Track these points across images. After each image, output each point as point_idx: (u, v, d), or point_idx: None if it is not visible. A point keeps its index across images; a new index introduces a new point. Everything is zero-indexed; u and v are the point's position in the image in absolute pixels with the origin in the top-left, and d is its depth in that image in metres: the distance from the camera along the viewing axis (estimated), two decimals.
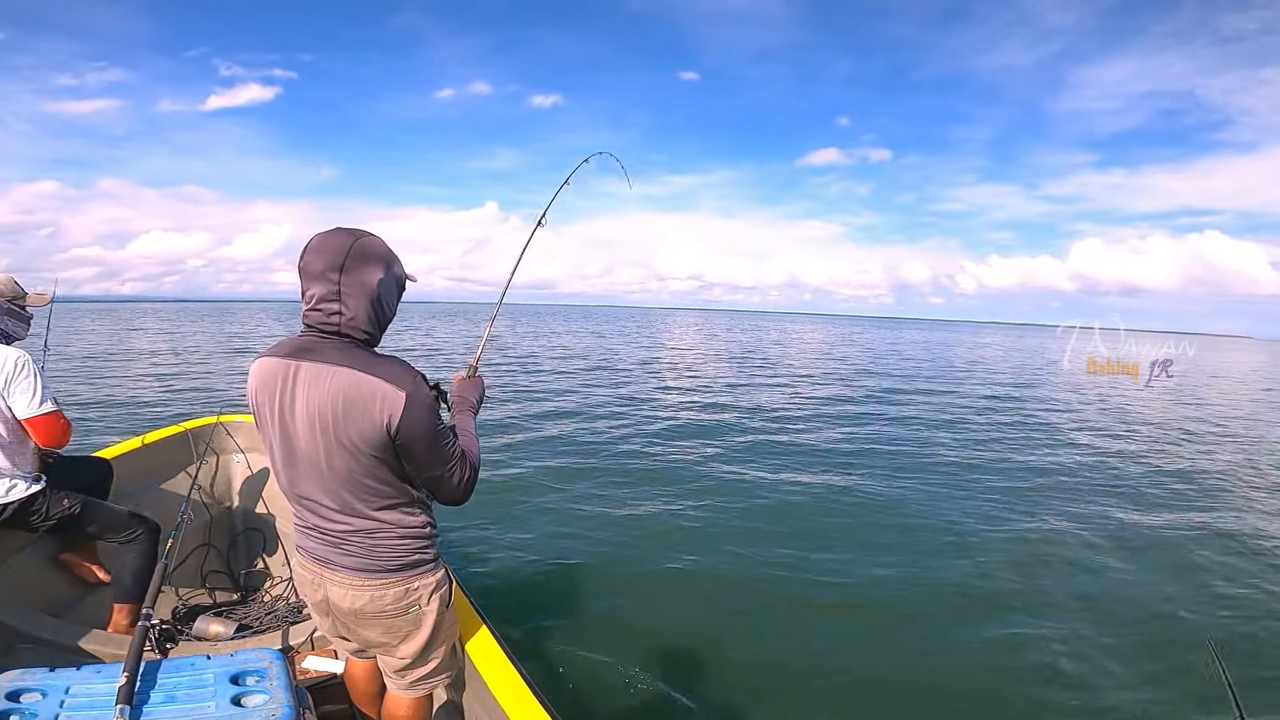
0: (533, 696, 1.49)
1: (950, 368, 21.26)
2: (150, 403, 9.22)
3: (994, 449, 7.86)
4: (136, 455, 2.77)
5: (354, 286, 1.22)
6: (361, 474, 1.25)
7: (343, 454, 1.23)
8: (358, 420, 1.20)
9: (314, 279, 1.22)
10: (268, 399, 1.27)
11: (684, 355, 22.33)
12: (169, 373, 12.93)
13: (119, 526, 2.18)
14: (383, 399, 1.19)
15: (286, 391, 1.24)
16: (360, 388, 1.19)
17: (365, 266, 1.23)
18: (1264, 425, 11.39)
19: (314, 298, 1.23)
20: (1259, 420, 12.07)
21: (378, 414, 1.19)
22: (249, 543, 2.98)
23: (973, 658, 3.27)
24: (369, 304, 1.25)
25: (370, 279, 1.24)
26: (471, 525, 4.60)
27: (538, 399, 10.64)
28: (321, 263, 1.21)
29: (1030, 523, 5.20)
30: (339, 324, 1.24)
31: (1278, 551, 4.75)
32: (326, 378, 1.20)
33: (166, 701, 1.13)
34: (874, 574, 4.11)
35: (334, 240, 1.23)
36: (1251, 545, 4.87)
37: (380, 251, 1.27)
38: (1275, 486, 6.72)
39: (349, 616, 1.37)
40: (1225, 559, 4.59)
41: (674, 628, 3.40)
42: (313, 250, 1.23)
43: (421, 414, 1.22)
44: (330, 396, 1.20)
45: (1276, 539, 5.02)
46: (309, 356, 1.23)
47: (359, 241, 1.24)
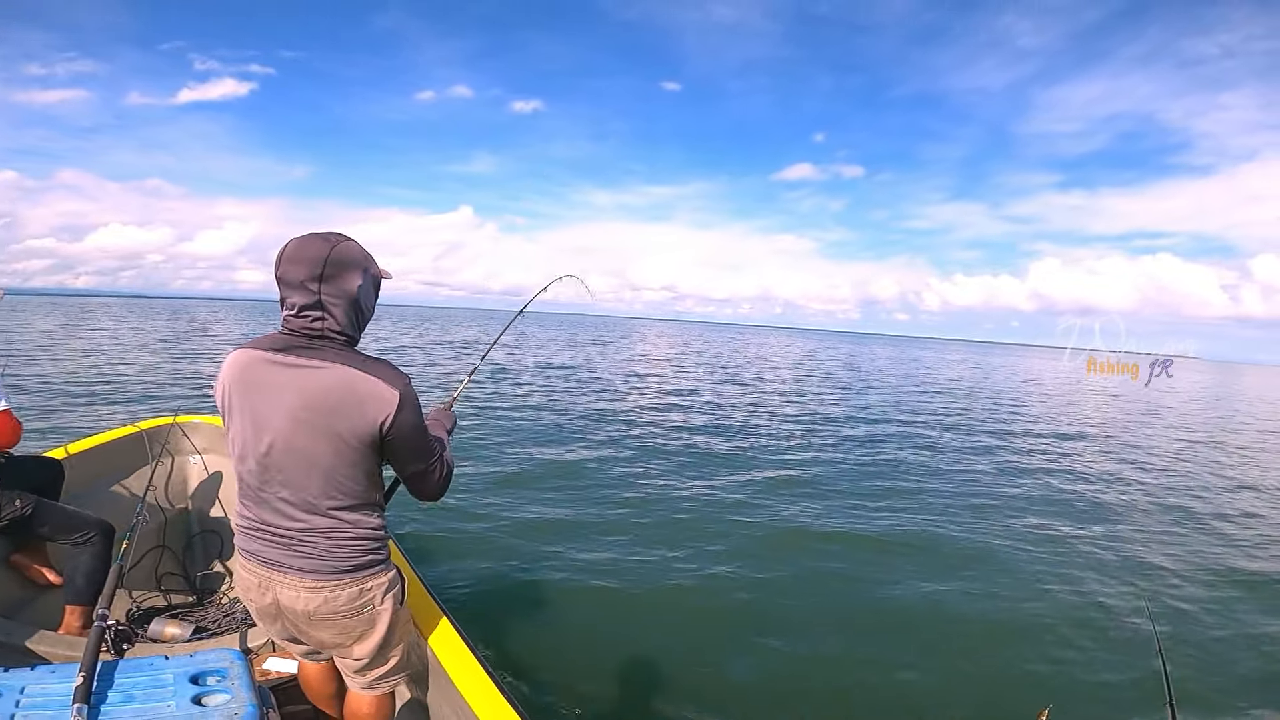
0: (497, 690, 1.50)
1: (965, 391, 20.12)
2: (104, 402, 8.88)
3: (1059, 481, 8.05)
4: (89, 455, 2.70)
5: (335, 294, 1.24)
6: (340, 470, 1.27)
7: (328, 448, 1.24)
8: (354, 416, 1.23)
9: (294, 289, 1.23)
10: (243, 390, 1.26)
11: (655, 365, 22.45)
12: (123, 371, 12.42)
13: (72, 528, 2.12)
14: (378, 398, 1.23)
15: (270, 384, 1.24)
16: (357, 385, 1.23)
17: (344, 274, 1.24)
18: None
19: (295, 306, 1.24)
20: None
21: (373, 411, 1.23)
22: (205, 545, 2.92)
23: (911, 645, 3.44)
24: (350, 309, 1.27)
25: (350, 285, 1.26)
26: (440, 523, 4.64)
27: (511, 405, 10.59)
28: (301, 273, 1.22)
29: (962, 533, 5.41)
30: (322, 329, 1.26)
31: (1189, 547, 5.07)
32: (322, 373, 1.23)
33: (125, 701, 1.12)
34: (826, 584, 4.24)
35: (311, 248, 1.23)
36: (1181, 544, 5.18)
37: (358, 256, 1.28)
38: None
39: (302, 619, 1.36)
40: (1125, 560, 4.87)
41: (634, 624, 3.52)
42: (289, 259, 1.23)
43: (411, 413, 1.28)
44: (327, 391, 1.22)
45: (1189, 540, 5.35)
46: (299, 353, 1.24)
47: (336, 248, 1.24)
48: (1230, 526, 6.14)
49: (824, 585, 4.22)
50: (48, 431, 6.65)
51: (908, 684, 3.12)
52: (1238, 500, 7.18)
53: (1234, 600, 4.31)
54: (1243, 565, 5.01)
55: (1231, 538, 5.76)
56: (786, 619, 3.72)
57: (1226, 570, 4.89)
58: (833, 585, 4.23)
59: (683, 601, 3.85)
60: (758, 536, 5.02)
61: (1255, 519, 6.49)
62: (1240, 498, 7.33)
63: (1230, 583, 4.62)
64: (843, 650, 3.40)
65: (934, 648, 3.47)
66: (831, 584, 4.24)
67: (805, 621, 3.71)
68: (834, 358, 36.03)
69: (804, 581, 4.24)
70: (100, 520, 2.17)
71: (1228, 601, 4.29)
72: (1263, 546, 5.53)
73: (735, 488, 6.41)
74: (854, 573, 4.41)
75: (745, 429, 9.91)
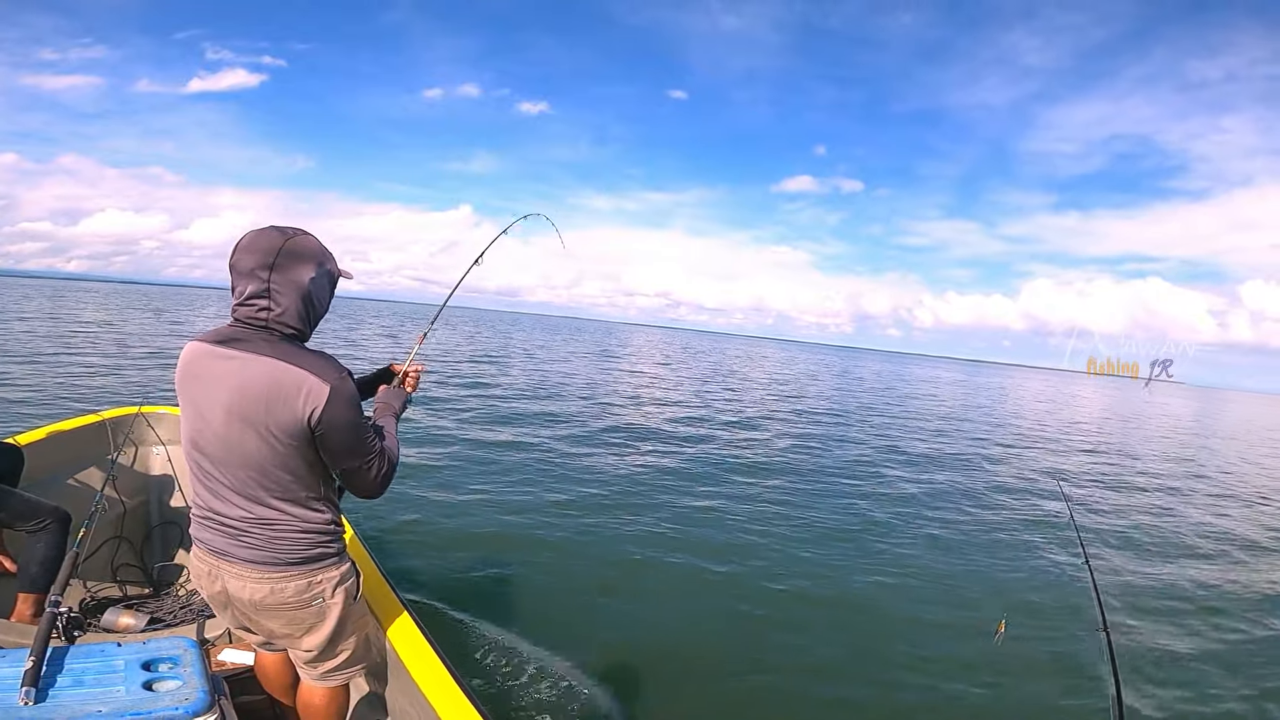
0: (456, 685, 1.50)
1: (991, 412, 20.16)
2: (72, 388, 8.72)
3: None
4: (50, 443, 2.65)
5: (284, 284, 1.24)
6: (273, 463, 1.26)
7: (258, 441, 1.24)
8: (279, 410, 1.22)
9: (243, 276, 1.25)
10: (188, 381, 1.28)
11: (642, 369, 22.45)
12: (96, 358, 12.21)
13: (27, 514, 2.09)
14: (307, 391, 1.21)
15: (208, 375, 1.25)
16: (285, 378, 1.22)
17: (296, 265, 1.26)
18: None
19: (243, 294, 1.26)
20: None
21: (300, 405, 1.22)
22: (165, 536, 2.88)
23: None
24: (299, 301, 1.27)
25: (301, 277, 1.26)
26: (403, 517, 4.70)
27: (487, 401, 10.59)
28: (252, 261, 1.23)
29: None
30: (267, 319, 1.26)
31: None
32: (252, 365, 1.22)
33: (74, 685, 1.12)
34: (802, 582, 4.34)
35: (265, 239, 1.25)
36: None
37: (312, 249, 1.29)
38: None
39: (249, 608, 1.37)
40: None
41: (598, 621, 3.61)
42: (243, 248, 1.25)
43: (343, 408, 1.25)
44: (253, 384, 1.22)
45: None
46: (236, 345, 1.25)
47: (291, 241, 1.26)
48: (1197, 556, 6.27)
49: (780, 589, 4.32)
50: (8, 418, 6.52)
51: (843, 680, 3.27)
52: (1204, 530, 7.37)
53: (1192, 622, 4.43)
54: (1203, 590, 5.14)
55: (1195, 563, 5.87)
56: (750, 615, 3.86)
57: (1185, 591, 5.01)
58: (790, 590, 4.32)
59: (649, 597, 3.96)
60: (729, 535, 5.22)
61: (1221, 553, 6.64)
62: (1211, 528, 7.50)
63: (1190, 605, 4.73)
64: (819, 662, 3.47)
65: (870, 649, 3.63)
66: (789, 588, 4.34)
67: (761, 621, 3.84)
68: (863, 373, 36.14)
69: (764, 586, 4.34)
70: (57, 508, 2.14)
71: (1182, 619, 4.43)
72: (1221, 572, 5.65)
73: (711, 489, 6.55)
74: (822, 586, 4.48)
75: (728, 435, 9.97)
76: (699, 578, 4.29)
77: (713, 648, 3.43)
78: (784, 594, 4.16)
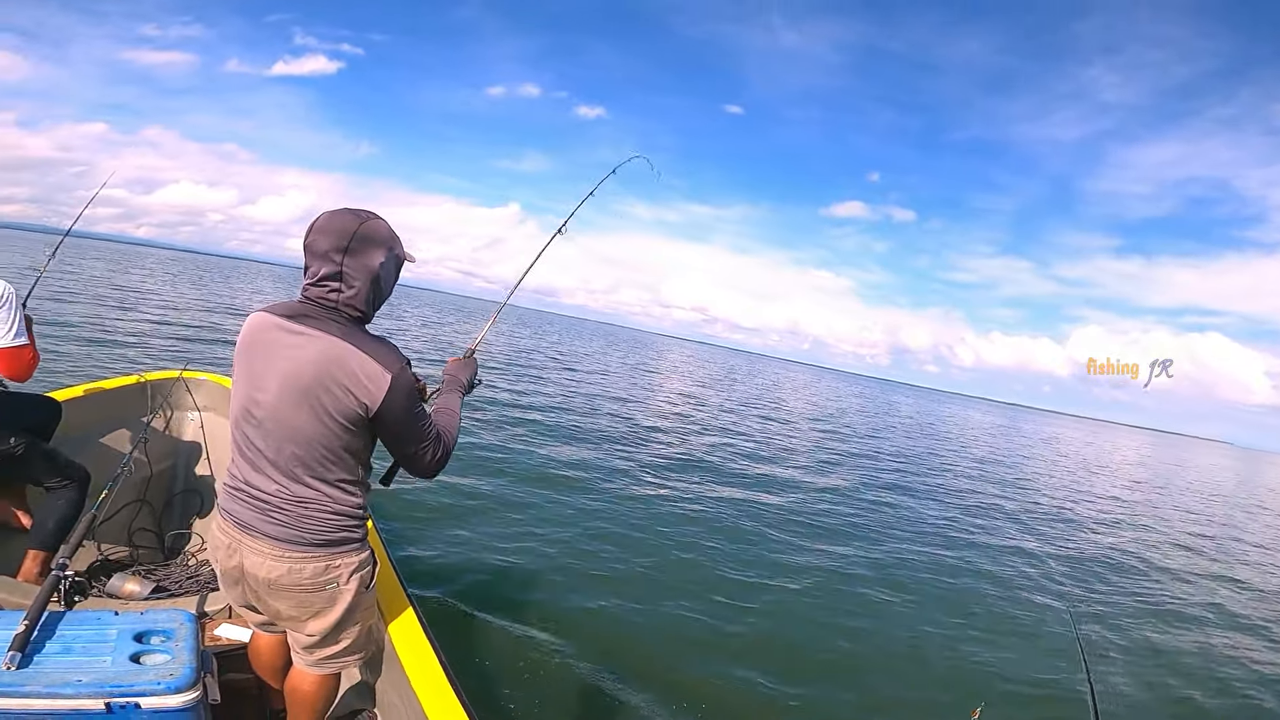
0: (449, 685, 1.47)
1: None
2: (117, 351, 8.94)
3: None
4: (88, 400, 2.67)
5: (356, 268, 1.28)
6: (321, 442, 1.28)
7: (312, 419, 1.26)
8: (340, 392, 1.24)
9: (318, 257, 1.28)
10: (248, 350, 1.31)
11: (683, 389, 22.31)
12: (145, 322, 12.61)
13: (54, 472, 2.11)
14: (370, 377, 1.24)
15: (273, 347, 1.28)
16: (351, 361, 1.24)
17: (369, 249, 1.28)
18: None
19: (316, 274, 1.29)
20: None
21: (361, 389, 1.25)
22: (185, 504, 2.88)
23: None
24: (369, 284, 1.30)
25: (373, 262, 1.29)
26: (427, 512, 4.65)
27: (521, 405, 10.60)
28: (327, 243, 1.26)
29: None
30: (337, 301, 1.29)
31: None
32: (320, 344, 1.25)
33: (62, 653, 1.13)
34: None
35: (340, 222, 1.28)
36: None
37: (384, 234, 1.32)
38: None
39: (262, 586, 1.36)
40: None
41: (608, 634, 3.49)
42: (319, 230, 1.28)
43: (402, 396, 1.28)
44: (319, 362, 1.24)
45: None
46: (306, 322, 1.28)
47: (365, 225, 1.29)
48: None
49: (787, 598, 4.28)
50: (52, 373, 6.62)
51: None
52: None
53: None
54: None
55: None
56: (756, 627, 3.83)
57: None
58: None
59: (673, 617, 3.83)
60: (756, 558, 5.10)
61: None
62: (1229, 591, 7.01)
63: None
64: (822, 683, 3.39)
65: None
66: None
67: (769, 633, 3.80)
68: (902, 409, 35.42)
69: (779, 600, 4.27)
70: (81, 468, 2.16)
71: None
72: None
73: (743, 510, 6.44)
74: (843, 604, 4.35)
75: (768, 454, 9.83)
76: (727, 614, 4.06)
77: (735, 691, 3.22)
78: (757, 633, 3.88)
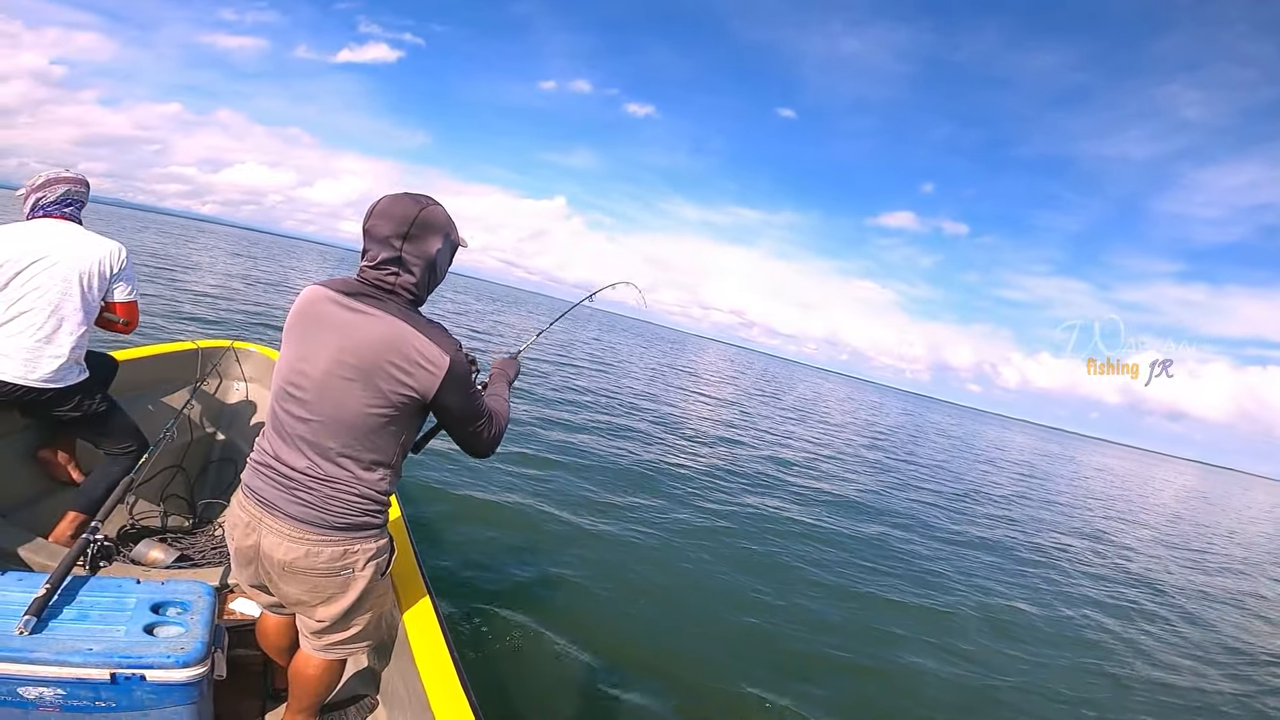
0: (457, 680, 1.45)
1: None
2: (169, 319, 9.22)
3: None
4: (140, 364, 2.72)
5: (415, 254, 1.30)
6: (363, 421, 1.28)
7: (360, 396, 1.26)
8: (396, 372, 1.25)
9: (378, 242, 1.29)
10: (301, 322, 1.31)
11: (720, 394, 22.12)
12: (199, 292, 13.07)
13: (123, 437, 2.14)
14: (430, 359, 1.26)
15: (327, 321, 1.28)
16: (410, 342, 1.25)
17: (428, 236, 1.30)
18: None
19: (375, 258, 1.30)
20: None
21: (420, 371, 1.26)
22: (219, 473, 2.92)
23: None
24: (425, 270, 1.33)
25: (431, 248, 1.31)
26: (458, 507, 4.63)
27: (560, 401, 10.61)
28: (388, 228, 1.27)
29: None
30: (394, 284, 1.31)
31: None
32: (378, 324, 1.26)
33: (78, 619, 1.14)
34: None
35: (400, 207, 1.29)
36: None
37: (441, 221, 1.33)
38: None
39: (276, 569, 1.36)
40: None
41: (627, 639, 3.44)
42: (380, 214, 1.28)
43: (459, 380, 1.31)
44: (376, 341, 1.25)
45: None
46: (365, 300, 1.29)
47: (425, 211, 1.30)
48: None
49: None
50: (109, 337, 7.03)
51: None
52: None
53: None
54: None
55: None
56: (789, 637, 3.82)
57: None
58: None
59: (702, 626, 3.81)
60: (787, 560, 5.15)
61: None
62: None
63: None
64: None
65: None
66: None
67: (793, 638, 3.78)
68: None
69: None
70: (144, 437, 2.19)
71: None
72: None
73: (788, 515, 6.40)
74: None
75: (810, 466, 9.66)
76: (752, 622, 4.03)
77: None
78: (798, 643, 3.90)
